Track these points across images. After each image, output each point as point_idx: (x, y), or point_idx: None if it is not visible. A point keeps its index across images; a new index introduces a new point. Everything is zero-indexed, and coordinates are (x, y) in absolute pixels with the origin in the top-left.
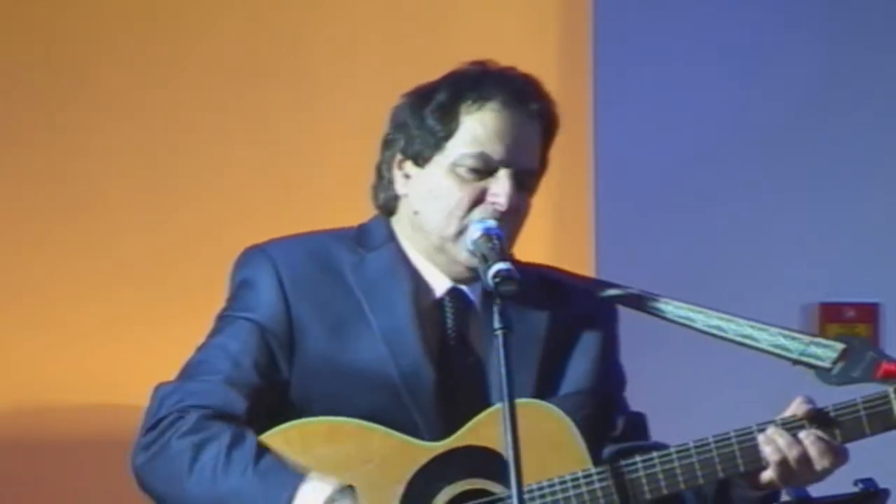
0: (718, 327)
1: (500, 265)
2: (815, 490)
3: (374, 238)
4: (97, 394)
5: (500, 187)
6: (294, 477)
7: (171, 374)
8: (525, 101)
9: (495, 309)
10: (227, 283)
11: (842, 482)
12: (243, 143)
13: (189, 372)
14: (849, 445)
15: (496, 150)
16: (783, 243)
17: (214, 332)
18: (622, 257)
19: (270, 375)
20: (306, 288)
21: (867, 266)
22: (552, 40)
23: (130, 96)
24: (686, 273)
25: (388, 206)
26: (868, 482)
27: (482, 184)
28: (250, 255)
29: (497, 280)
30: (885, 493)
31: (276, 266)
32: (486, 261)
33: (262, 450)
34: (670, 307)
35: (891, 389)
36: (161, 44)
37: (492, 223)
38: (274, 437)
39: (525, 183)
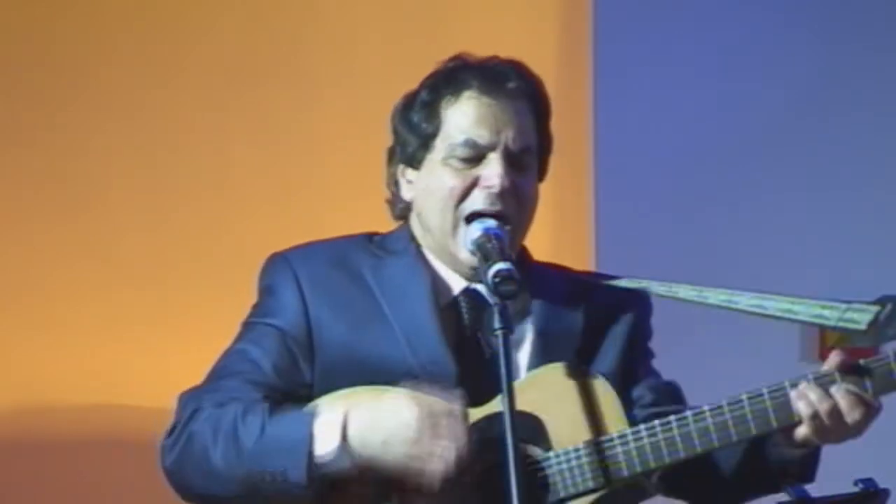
0: (760, 305)
1: (500, 265)
2: (816, 490)
3: (395, 243)
4: (97, 394)
5: (490, 170)
6: (307, 414)
7: (171, 374)
8: (501, 82)
9: (495, 309)
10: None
11: (842, 482)
12: (243, 143)
13: (211, 377)
14: (849, 446)
15: (481, 135)
16: (783, 243)
17: (237, 339)
18: (622, 257)
19: (291, 377)
20: (325, 289)
21: (867, 266)
22: (552, 40)
23: (130, 96)
24: (686, 272)
25: (404, 216)
26: (868, 482)
27: (474, 171)
28: (271, 262)
29: (497, 280)
30: (885, 493)
31: (295, 270)
32: (487, 260)
33: (275, 409)
34: (709, 293)
35: None
36: (161, 44)
37: (491, 223)
38: (320, 404)
39: (522, 162)
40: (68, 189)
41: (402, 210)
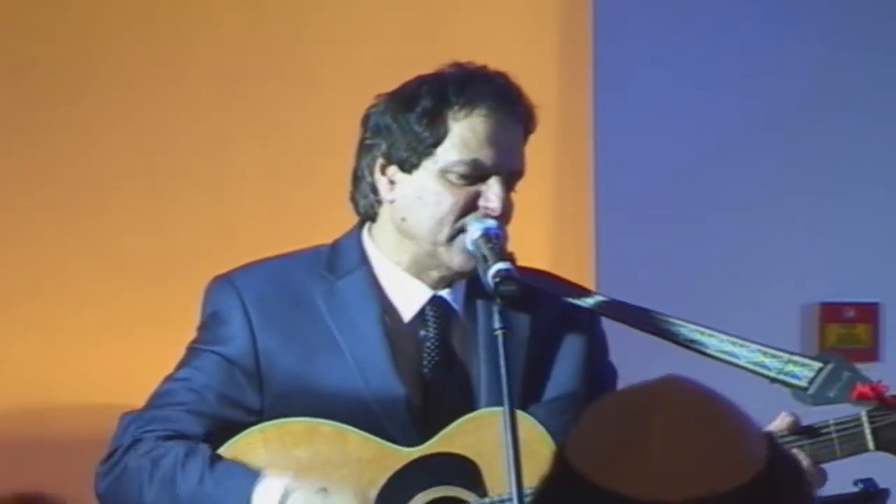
0: (700, 342)
1: (500, 265)
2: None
3: (345, 262)
4: (97, 394)
5: (492, 193)
6: (249, 476)
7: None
8: (511, 104)
9: (495, 309)
10: (199, 312)
11: (842, 482)
12: (243, 143)
13: (153, 402)
14: None
15: (488, 156)
16: (783, 243)
17: (182, 364)
18: (622, 258)
19: (238, 406)
20: (274, 317)
21: (867, 266)
22: (552, 40)
23: (130, 96)
24: (687, 273)
25: (369, 213)
26: (868, 482)
27: (473, 189)
28: (218, 287)
29: (497, 280)
30: (885, 493)
31: (243, 298)
32: (486, 261)
33: (217, 456)
34: (657, 321)
35: (863, 412)
36: (161, 44)
37: (491, 223)
38: (253, 436)
39: (512, 184)
40: (68, 189)
41: (368, 207)
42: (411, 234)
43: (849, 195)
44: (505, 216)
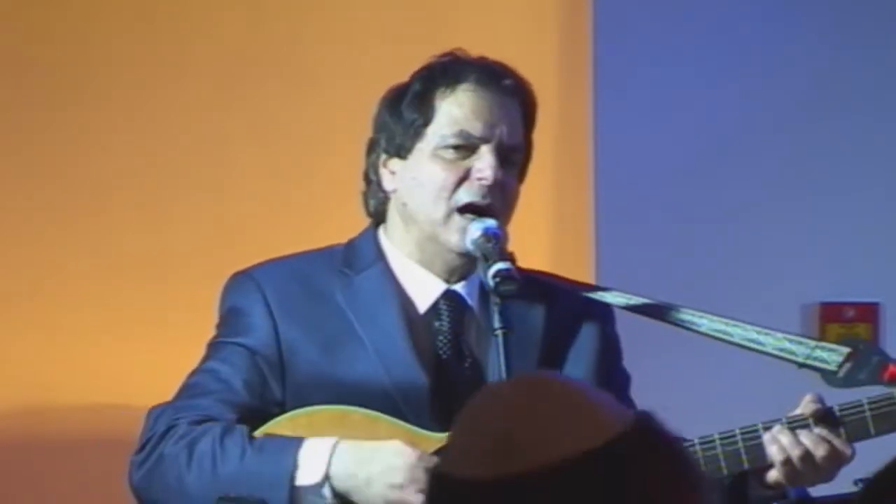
0: (724, 332)
1: (500, 265)
2: (815, 490)
3: (361, 258)
4: (97, 394)
5: (483, 162)
6: (291, 443)
7: (171, 374)
8: (498, 78)
9: (495, 309)
10: (217, 308)
11: (842, 482)
12: (243, 143)
13: (182, 394)
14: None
15: (475, 127)
16: (783, 243)
17: (206, 358)
18: (622, 257)
19: (263, 396)
20: (295, 310)
21: (867, 266)
22: (552, 40)
23: (130, 96)
24: (687, 273)
25: (379, 211)
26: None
27: (466, 163)
28: (238, 282)
29: (497, 280)
30: None
31: (264, 291)
32: (487, 260)
33: (253, 434)
34: (674, 311)
35: None
36: (161, 44)
37: (491, 223)
38: (282, 423)
39: (510, 159)
40: (68, 189)
41: (378, 204)
42: (413, 219)
43: (849, 195)
44: (501, 189)
